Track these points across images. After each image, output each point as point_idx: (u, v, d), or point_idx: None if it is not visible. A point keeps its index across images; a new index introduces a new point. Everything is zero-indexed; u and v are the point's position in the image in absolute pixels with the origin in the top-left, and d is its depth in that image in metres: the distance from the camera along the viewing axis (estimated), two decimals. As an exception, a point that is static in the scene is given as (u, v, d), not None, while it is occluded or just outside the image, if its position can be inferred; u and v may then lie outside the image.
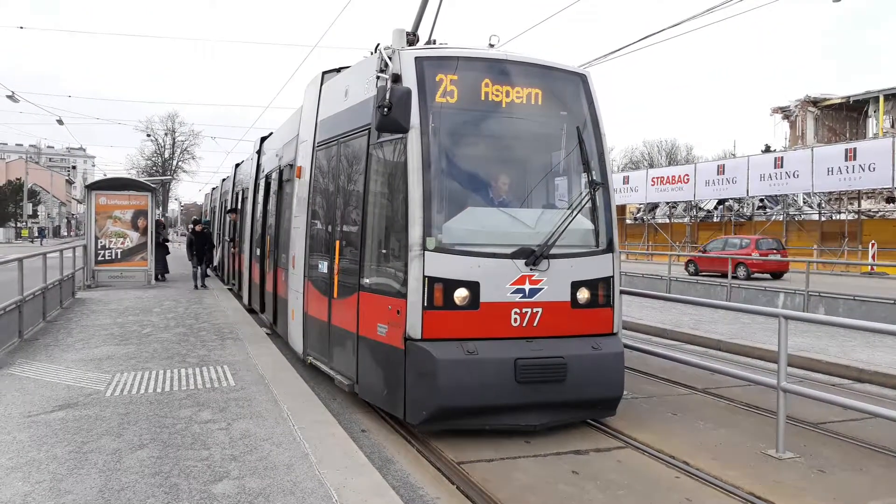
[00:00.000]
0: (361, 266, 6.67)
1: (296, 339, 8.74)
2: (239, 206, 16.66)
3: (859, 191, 29.32)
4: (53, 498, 4.22)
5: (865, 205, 32.00)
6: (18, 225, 75.52)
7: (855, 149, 26.50)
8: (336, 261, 7.28)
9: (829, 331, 12.22)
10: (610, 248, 6.61)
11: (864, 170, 25.69)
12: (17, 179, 79.98)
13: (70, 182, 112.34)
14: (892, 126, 37.80)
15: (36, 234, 68.36)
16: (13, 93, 28.24)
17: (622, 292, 7.09)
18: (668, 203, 39.51)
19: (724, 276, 19.68)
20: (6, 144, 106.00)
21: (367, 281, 6.58)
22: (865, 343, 11.18)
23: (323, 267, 7.74)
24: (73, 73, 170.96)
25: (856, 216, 30.12)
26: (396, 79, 6.02)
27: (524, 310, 6.08)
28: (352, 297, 6.78)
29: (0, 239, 66.87)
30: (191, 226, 20.71)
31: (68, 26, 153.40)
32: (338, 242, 7.31)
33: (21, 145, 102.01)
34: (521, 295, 6.07)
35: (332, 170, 7.81)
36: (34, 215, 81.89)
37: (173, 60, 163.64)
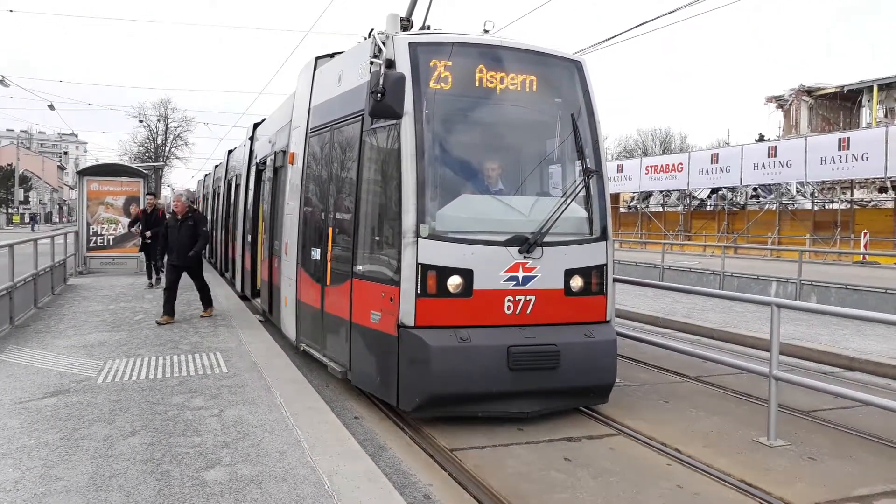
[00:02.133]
0: (354, 253, 6.65)
1: (289, 325, 8.72)
2: (232, 193, 16.57)
3: (852, 180, 29.32)
4: (44, 484, 4.20)
5: (858, 194, 32.02)
6: (10, 211, 75.07)
7: (848, 138, 26.47)
8: (329, 248, 7.25)
9: (821, 319, 12.27)
10: (604, 236, 6.61)
11: (857, 159, 25.69)
12: (9, 165, 79.38)
13: (62, 168, 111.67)
14: (886, 115, 37.83)
15: (28, 220, 68.03)
16: (3, 77, 28.01)
17: (615, 280, 7.09)
18: (661, 192, 39.49)
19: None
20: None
21: (361, 268, 6.55)
22: (857, 332, 11.24)
23: (316, 254, 7.71)
24: (64, 58, 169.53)
25: (848, 205, 30.17)
26: (390, 64, 5.98)
27: (517, 297, 6.08)
28: (345, 284, 6.76)
29: (-9, 225, 66.43)
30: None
31: (60, 10, 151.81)
32: (331, 229, 7.28)
33: (12, 130, 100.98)
34: (514, 282, 6.06)
35: (325, 156, 7.76)
36: (26, 201, 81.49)
37: (166, 45, 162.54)
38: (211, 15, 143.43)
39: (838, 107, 40.82)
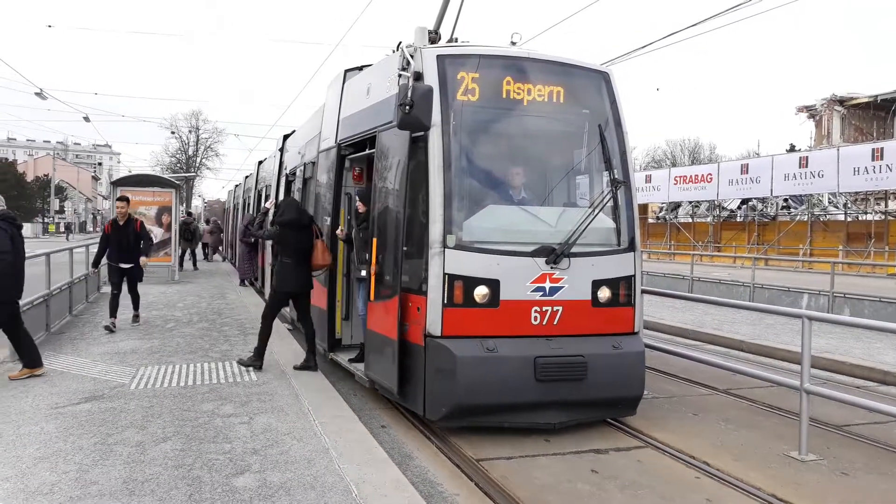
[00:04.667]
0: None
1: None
2: (262, 204, 16.77)
3: (886, 191, 28.76)
4: (80, 488, 4.30)
5: (893, 205, 31.34)
6: (46, 220, 76.79)
7: (882, 148, 25.95)
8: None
9: (854, 332, 12.04)
10: (632, 247, 6.58)
11: (891, 170, 25.17)
12: (45, 175, 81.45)
13: (96, 178, 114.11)
14: (922, 125, 37.08)
15: (63, 230, 69.61)
16: (41, 90, 28.61)
17: (644, 291, 7.04)
18: (690, 202, 39.09)
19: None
20: (34, 141, 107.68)
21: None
22: (891, 345, 11.01)
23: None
24: (99, 71, 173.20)
25: (883, 217, 29.57)
26: (418, 77, 6.04)
27: (544, 308, 6.07)
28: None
29: (28, 234, 67.99)
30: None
31: (95, 25, 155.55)
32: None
33: (48, 142, 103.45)
34: (541, 293, 6.06)
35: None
36: (61, 211, 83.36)
37: (197, 58, 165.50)
38: (242, 28, 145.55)
39: (871, 116, 40.07)
